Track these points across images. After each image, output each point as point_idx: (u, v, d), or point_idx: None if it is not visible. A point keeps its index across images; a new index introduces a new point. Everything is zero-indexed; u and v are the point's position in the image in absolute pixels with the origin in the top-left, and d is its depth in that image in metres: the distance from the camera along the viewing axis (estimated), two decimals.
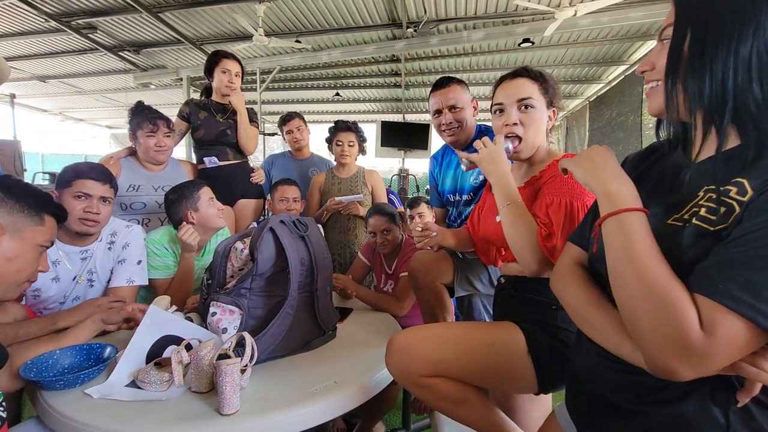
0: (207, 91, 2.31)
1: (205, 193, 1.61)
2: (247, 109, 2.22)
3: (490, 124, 1.67)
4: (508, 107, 1.11)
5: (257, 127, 2.29)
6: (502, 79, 1.16)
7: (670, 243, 0.56)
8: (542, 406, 1.18)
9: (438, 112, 1.65)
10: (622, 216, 0.59)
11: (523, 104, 1.10)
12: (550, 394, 1.15)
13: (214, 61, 2.16)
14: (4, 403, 0.79)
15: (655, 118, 0.70)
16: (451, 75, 1.69)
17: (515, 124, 1.10)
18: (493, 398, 1.21)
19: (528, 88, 1.11)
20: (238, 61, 2.21)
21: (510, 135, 1.11)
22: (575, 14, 4.09)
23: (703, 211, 0.55)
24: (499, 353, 0.99)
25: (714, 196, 0.55)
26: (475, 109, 1.66)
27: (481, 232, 1.27)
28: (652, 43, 5.75)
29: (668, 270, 0.53)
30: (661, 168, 0.70)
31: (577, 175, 0.71)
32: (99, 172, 1.36)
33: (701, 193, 0.57)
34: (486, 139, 1.11)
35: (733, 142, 0.58)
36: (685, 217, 0.57)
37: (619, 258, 0.57)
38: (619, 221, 0.59)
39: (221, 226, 1.68)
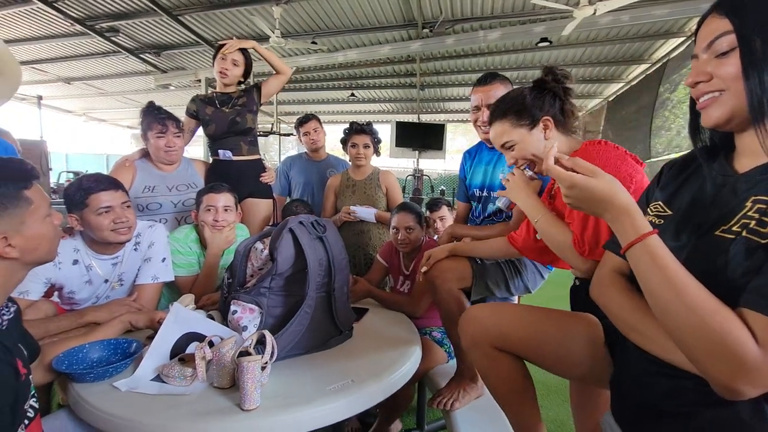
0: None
1: (206, 200, 1.62)
2: (249, 87, 2.22)
3: None
4: (505, 153, 1.21)
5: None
6: (490, 118, 1.22)
7: (719, 256, 0.56)
8: None
9: (477, 108, 1.65)
10: (646, 242, 0.59)
11: (504, 148, 1.20)
12: None
13: (217, 50, 2.14)
14: (36, 395, 0.83)
15: (689, 124, 0.70)
16: (470, 74, 1.67)
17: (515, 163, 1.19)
18: (575, 398, 1.22)
19: (502, 132, 1.17)
20: (241, 49, 2.14)
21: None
22: (594, 13, 4.01)
23: (753, 224, 0.54)
24: (575, 340, 0.97)
25: (763, 207, 0.54)
26: None
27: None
28: (675, 41, 5.61)
29: (706, 290, 0.53)
30: (701, 177, 0.68)
31: (584, 210, 0.72)
32: (106, 182, 1.33)
33: (749, 204, 0.57)
34: (510, 173, 1.22)
35: None
36: (735, 228, 0.57)
37: (656, 285, 0.57)
38: (644, 247, 0.59)
39: (217, 235, 1.61)
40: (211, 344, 0.98)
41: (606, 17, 4.39)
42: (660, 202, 0.73)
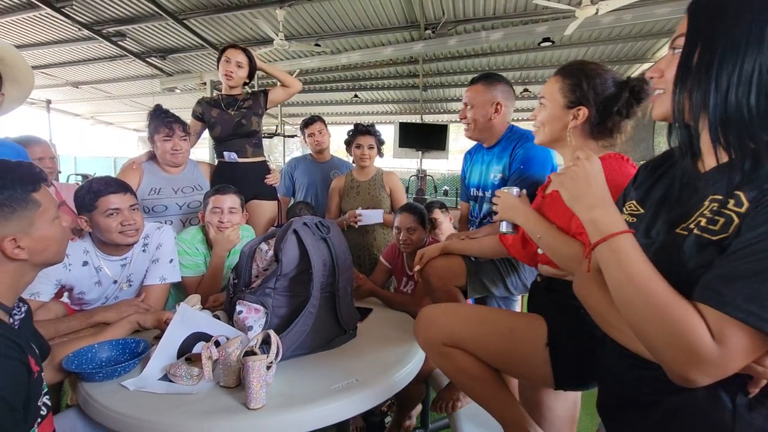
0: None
1: (213, 202, 1.64)
2: (255, 92, 2.24)
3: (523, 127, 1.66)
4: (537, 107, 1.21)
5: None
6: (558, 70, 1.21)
7: (677, 252, 0.59)
8: (568, 404, 1.18)
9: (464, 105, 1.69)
10: (612, 241, 0.62)
11: (540, 101, 1.18)
12: (579, 393, 1.15)
13: (220, 53, 2.15)
14: (48, 393, 0.85)
15: (668, 125, 0.72)
16: (473, 75, 1.67)
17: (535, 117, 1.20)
18: (519, 388, 1.25)
19: (548, 87, 1.15)
20: (246, 52, 2.14)
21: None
22: (597, 12, 4.00)
23: (704, 222, 0.57)
24: (518, 339, 1.03)
25: (716, 206, 0.57)
26: (497, 111, 1.61)
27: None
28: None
29: (667, 285, 0.56)
30: (671, 177, 0.71)
31: (564, 198, 0.75)
32: (115, 185, 1.37)
33: (706, 203, 0.59)
34: (495, 197, 1.23)
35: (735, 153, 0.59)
36: (691, 226, 0.59)
37: (620, 282, 0.60)
38: (610, 247, 0.62)
39: (219, 235, 1.63)
40: (217, 344, 1.00)
41: (608, 17, 4.38)
42: (634, 201, 0.76)
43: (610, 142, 1.14)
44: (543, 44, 5.63)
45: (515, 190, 1.21)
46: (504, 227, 1.23)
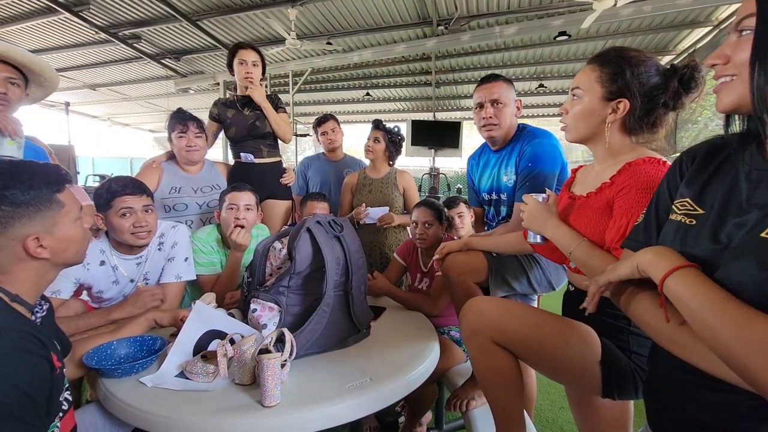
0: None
1: (229, 199, 1.66)
2: (269, 96, 2.22)
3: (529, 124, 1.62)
4: (568, 98, 1.09)
5: (285, 112, 2.28)
6: (592, 58, 1.08)
7: None
8: (624, 407, 1.14)
9: (480, 106, 1.60)
10: (679, 273, 0.57)
11: (572, 93, 1.06)
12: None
13: (232, 54, 2.17)
14: (69, 389, 0.87)
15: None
16: (486, 71, 1.64)
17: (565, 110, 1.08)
18: (566, 389, 1.22)
19: (583, 76, 1.04)
20: (256, 50, 2.17)
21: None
22: (615, 4, 3.90)
23: None
24: (572, 351, 0.98)
25: None
26: (519, 109, 1.59)
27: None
28: (701, 31, 5.41)
29: (753, 309, 0.49)
30: (733, 171, 0.63)
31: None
32: (132, 186, 1.38)
33: None
34: (521, 203, 1.15)
35: None
36: None
37: (700, 315, 0.53)
38: (681, 277, 0.57)
39: (236, 232, 1.60)
40: (232, 342, 1.00)
41: (627, 8, 4.27)
42: (688, 200, 0.67)
43: (647, 138, 1.03)
44: (559, 38, 5.53)
45: (542, 196, 1.12)
46: (531, 237, 1.14)
